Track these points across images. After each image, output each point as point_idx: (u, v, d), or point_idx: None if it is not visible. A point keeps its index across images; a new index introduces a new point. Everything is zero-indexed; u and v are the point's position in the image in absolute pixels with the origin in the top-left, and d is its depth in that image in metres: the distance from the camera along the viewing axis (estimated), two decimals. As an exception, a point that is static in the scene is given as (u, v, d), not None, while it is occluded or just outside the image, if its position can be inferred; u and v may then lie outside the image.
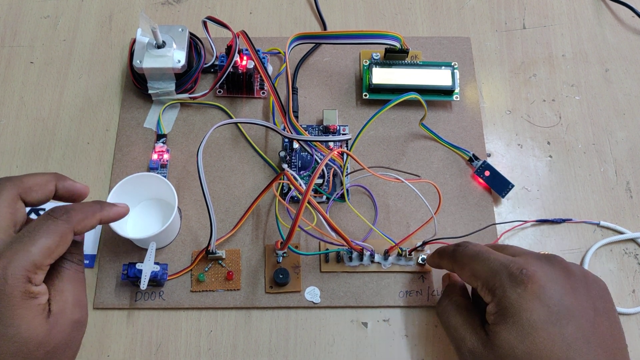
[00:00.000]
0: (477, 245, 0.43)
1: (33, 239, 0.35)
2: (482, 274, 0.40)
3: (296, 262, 0.51)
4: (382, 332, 0.49)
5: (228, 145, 0.56)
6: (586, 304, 0.38)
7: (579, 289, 0.39)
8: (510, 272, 0.38)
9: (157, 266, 0.47)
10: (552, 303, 0.37)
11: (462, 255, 0.43)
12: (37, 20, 0.63)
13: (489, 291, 0.39)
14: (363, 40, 0.55)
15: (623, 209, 0.55)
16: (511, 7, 0.65)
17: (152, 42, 0.54)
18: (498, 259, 0.40)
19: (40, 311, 0.35)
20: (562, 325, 0.37)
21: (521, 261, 0.39)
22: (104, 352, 0.48)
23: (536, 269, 0.38)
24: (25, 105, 0.58)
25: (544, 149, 0.58)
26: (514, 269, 0.38)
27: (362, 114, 0.58)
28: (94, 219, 0.39)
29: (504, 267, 0.39)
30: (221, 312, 0.50)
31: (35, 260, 0.34)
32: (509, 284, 0.38)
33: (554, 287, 0.38)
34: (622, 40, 0.63)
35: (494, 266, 0.40)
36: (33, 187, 0.39)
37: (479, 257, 0.41)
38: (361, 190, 0.55)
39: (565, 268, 0.40)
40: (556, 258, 0.40)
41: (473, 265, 0.41)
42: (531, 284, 0.37)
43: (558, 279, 0.38)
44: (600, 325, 0.38)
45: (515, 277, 0.38)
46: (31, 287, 0.35)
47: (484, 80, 0.61)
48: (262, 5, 0.65)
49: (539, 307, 0.37)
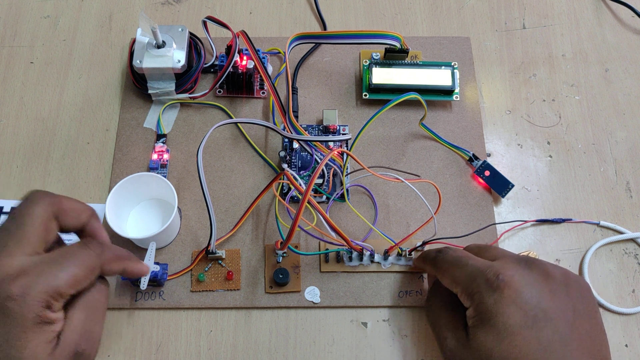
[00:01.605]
0: (457, 251, 0.44)
1: (63, 264, 0.34)
2: (460, 280, 0.41)
3: (296, 262, 0.51)
4: (382, 332, 0.49)
5: (228, 145, 0.57)
6: (565, 306, 0.38)
7: (558, 291, 0.39)
8: (487, 278, 0.39)
9: (157, 266, 0.47)
10: (528, 307, 0.38)
11: (442, 261, 0.44)
12: (37, 20, 0.63)
13: (468, 296, 0.40)
14: (363, 40, 0.55)
15: (623, 208, 0.55)
16: (511, 7, 0.65)
17: (152, 42, 0.54)
18: (476, 264, 0.41)
19: (49, 339, 0.34)
20: (539, 328, 0.37)
21: (498, 266, 0.40)
22: (104, 352, 0.48)
23: (513, 274, 0.39)
24: (25, 105, 0.58)
25: (544, 149, 0.58)
26: (490, 274, 0.39)
27: (362, 114, 0.58)
28: (120, 266, 0.38)
29: (480, 273, 0.40)
30: (221, 312, 0.50)
31: (59, 287, 0.33)
32: (486, 289, 0.39)
33: (531, 291, 0.38)
34: (622, 40, 0.63)
35: (472, 272, 0.40)
36: (69, 211, 0.38)
37: (458, 263, 0.42)
38: (361, 190, 0.55)
39: (544, 271, 0.40)
40: (535, 261, 0.41)
41: (452, 271, 0.42)
42: (507, 289, 0.38)
43: (535, 283, 0.39)
44: (580, 327, 0.38)
45: (492, 283, 0.39)
46: (48, 313, 0.33)
47: (484, 80, 0.61)
48: (262, 5, 0.65)
49: (515, 312, 0.37)
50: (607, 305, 0.50)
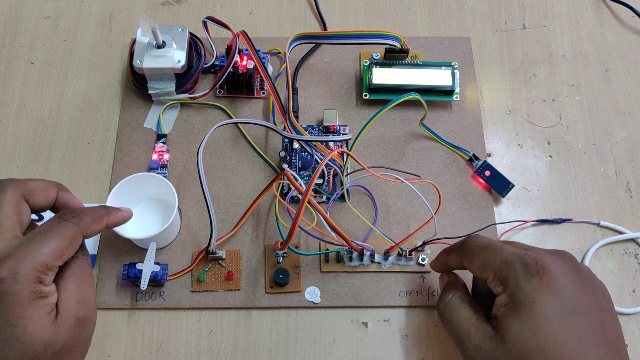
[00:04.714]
0: (488, 238, 0.42)
1: (44, 240, 0.35)
2: (494, 264, 0.39)
3: (296, 262, 0.51)
4: (382, 332, 0.49)
5: (228, 145, 0.57)
6: (593, 303, 0.38)
7: (588, 287, 0.38)
8: (525, 263, 0.38)
9: (158, 266, 0.47)
10: (565, 297, 0.37)
11: (472, 246, 0.42)
12: (37, 20, 0.63)
13: (501, 282, 0.39)
14: (363, 40, 0.55)
15: (623, 208, 0.55)
16: (511, 7, 0.65)
17: (152, 42, 0.54)
18: (511, 250, 0.40)
19: (48, 311, 0.35)
20: (575, 319, 0.36)
21: (534, 253, 0.39)
22: (104, 352, 0.48)
23: (550, 262, 0.38)
24: (25, 106, 0.58)
25: (544, 149, 0.58)
26: (529, 259, 0.38)
27: (362, 114, 0.58)
28: (102, 223, 0.40)
29: (518, 257, 0.38)
30: (221, 312, 0.50)
31: (46, 261, 0.35)
32: (524, 274, 0.37)
33: (566, 282, 0.37)
34: (622, 40, 0.63)
35: (508, 257, 0.39)
36: (35, 190, 0.39)
37: (491, 247, 0.40)
38: (361, 190, 0.55)
39: (575, 265, 0.39)
40: (567, 254, 0.40)
41: (485, 256, 0.40)
42: (546, 277, 0.37)
43: (570, 274, 0.38)
44: (608, 326, 0.38)
45: (530, 268, 0.37)
46: (41, 288, 0.35)
47: (484, 80, 0.61)
48: (262, 5, 0.65)
49: (553, 300, 0.36)
50: (607, 305, 0.50)
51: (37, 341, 0.34)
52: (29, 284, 0.34)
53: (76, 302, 0.37)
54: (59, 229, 0.36)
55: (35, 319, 0.34)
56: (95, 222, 0.39)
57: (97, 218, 0.39)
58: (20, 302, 0.34)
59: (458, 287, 0.45)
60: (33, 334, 0.34)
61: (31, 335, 0.34)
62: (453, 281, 0.46)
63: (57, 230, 0.36)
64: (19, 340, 0.34)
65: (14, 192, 0.38)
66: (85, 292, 0.38)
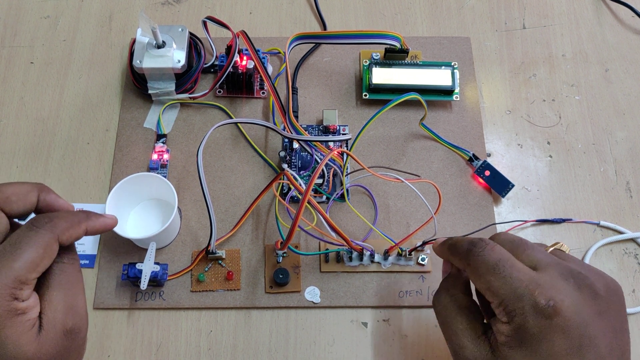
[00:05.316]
0: (497, 251, 0.37)
1: (15, 253, 0.32)
2: (501, 293, 0.35)
3: (296, 262, 0.51)
4: (382, 332, 0.49)
5: (228, 145, 0.57)
6: (607, 326, 0.35)
7: (604, 312, 0.36)
8: (536, 302, 0.34)
9: (157, 266, 0.47)
10: (575, 335, 0.34)
11: (478, 262, 0.37)
12: (37, 20, 0.63)
13: (507, 313, 0.35)
14: (363, 40, 0.55)
15: (623, 208, 0.55)
16: (511, 7, 0.65)
17: (152, 42, 0.54)
18: (521, 278, 0.35)
19: (29, 327, 0.33)
20: (582, 354, 0.34)
21: (547, 286, 0.35)
22: (104, 352, 0.48)
23: (564, 298, 0.34)
24: (25, 105, 0.58)
25: (544, 149, 0.58)
26: (541, 298, 0.34)
27: (362, 114, 0.58)
28: (80, 229, 0.36)
29: (528, 292, 0.34)
30: (221, 312, 0.50)
31: (19, 276, 0.32)
32: (533, 314, 0.34)
33: (581, 319, 0.34)
34: (622, 40, 0.63)
35: (516, 288, 0.35)
36: (11, 196, 0.35)
37: (499, 270, 0.35)
38: (361, 190, 0.55)
39: (593, 291, 0.36)
40: (584, 279, 0.36)
41: (491, 279, 0.36)
42: (557, 317, 0.34)
43: (585, 307, 0.35)
44: (616, 346, 0.36)
45: (542, 309, 0.34)
46: (17, 304, 0.32)
47: (484, 80, 0.61)
48: (262, 5, 0.65)
49: (562, 340, 0.34)
50: (607, 305, 0.50)
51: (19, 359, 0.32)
52: (3, 303, 0.31)
53: (62, 312, 0.34)
54: (29, 239, 0.33)
55: (14, 337, 0.32)
56: (72, 227, 0.35)
57: (75, 223, 0.35)
58: None
59: (458, 285, 0.41)
60: (14, 353, 0.32)
61: (12, 355, 0.32)
62: (454, 276, 0.41)
63: (27, 240, 0.33)
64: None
65: None
66: (73, 301, 0.35)
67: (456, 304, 0.39)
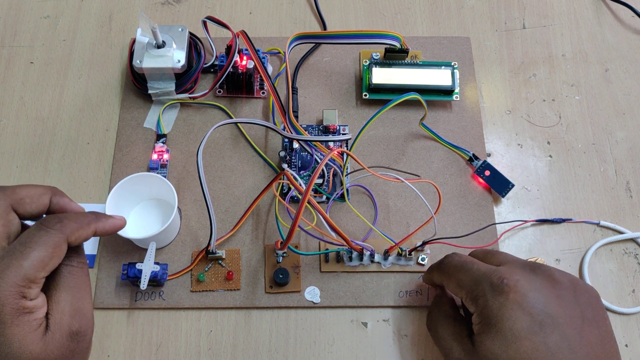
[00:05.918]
0: (463, 256, 0.44)
1: (24, 252, 0.33)
2: (465, 284, 0.41)
3: (296, 262, 0.51)
4: (382, 332, 0.49)
5: (228, 145, 0.56)
6: (573, 312, 0.38)
7: (565, 297, 0.39)
8: (492, 282, 0.39)
9: (157, 266, 0.47)
10: (535, 312, 0.37)
11: (447, 265, 0.43)
12: (37, 20, 0.63)
13: (472, 300, 0.40)
14: (363, 40, 0.55)
15: (623, 208, 0.55)
16: (511, 7, 0.65)
17: (152, 42, 0.54)
18: (480, 268, 0.41)
19: (36, 327, 0.33)
20: (546, 334, 0.37)
21: (503, 270, 0.40)
22: (104, 352, 0.48)
23: (518, 278, 0.39)
24: (25, 105, 0.58)
25: (544, 149, 0.58)
26: (495, 278, 0.39)
27: (362, 114, 0.58)
28: (89, 230, 0.37)
29: (485, 276, 0.40)
30: (221, 312, 0.50)
31: (27, 275, 0.32)
32: (491, 293, 0.39)
33: (537, 296, 0.38)
34: (622, 40, 0.63)
35: (477, 276, 0.40)
36: (26, 198, 0.37)
37: (463, 267, 0.42)
38: (361, 190, 0.55)
39: (550, 276, 0.40)
40: (541, 267, 0.41)
41: (458, 276, 0.42)
42: (512, 293, 0.38)
43: (542, 288, 0.39)
44: (589, 334, 0.37)
45: (496, 287, 0.38)
46: (25, 303, 0.33)
47: (484, 80, 0.61)
48: (262, 5, 0.65)
49: (522, 316, 0.37)
50: (607, 305, 0.50)
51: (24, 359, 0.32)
52: (11, 300, 0.32)
53: (69, 315, 0.35)
54: (39, 238, 0.34)
55: (20, 336, 0.32)
56: (81, 228, 0.36)
57: (84, 224, 0.36)
58: (3, 319, 0.32)
59: (444, 301, 0.46)
60: (19, 351, 0.32)
61: (17, 353, 0.32)
62: (440, 295, 0.47)
63: (37, 240, 0.34)
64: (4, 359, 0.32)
65: (2, 201, 0.36)
66: (80, 304, 0.36)
67: (443, 314, 0.45)
